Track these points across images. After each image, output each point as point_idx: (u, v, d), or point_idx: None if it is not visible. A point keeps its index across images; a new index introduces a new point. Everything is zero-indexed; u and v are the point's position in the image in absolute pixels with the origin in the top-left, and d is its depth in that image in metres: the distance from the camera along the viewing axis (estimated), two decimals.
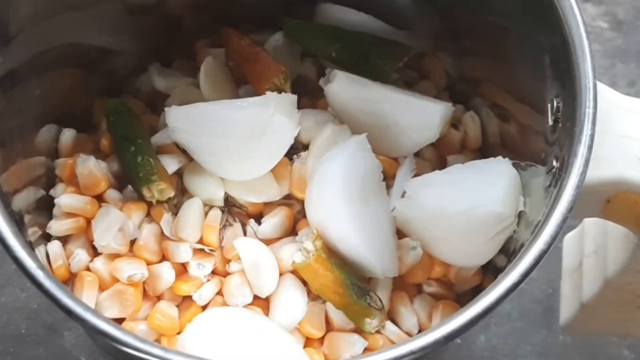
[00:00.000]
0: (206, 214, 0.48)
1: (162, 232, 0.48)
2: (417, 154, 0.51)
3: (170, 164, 0.49)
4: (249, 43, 0.53)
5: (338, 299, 0.45)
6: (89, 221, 0.47)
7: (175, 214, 0.48)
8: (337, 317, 0.46)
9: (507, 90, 0.49)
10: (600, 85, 0.40)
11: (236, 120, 0.47)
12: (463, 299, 0.48)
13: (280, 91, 0.49)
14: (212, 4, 0.55)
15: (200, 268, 0.47)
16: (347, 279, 0.44)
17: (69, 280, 0.47)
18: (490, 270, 0.47)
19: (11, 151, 0.44)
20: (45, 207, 0.48)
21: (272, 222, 0.48)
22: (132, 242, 0.47)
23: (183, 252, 0.47)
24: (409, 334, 0.47)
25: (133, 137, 0.48)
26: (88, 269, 0.47)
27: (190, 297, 0.46)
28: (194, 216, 0.47)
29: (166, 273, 0.46)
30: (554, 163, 0.40)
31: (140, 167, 0.47)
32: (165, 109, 0.48)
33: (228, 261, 0.47)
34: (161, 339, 0.45)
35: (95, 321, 0.35)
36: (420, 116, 0.49)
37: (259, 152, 0.47)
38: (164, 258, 0.47)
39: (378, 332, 0.46)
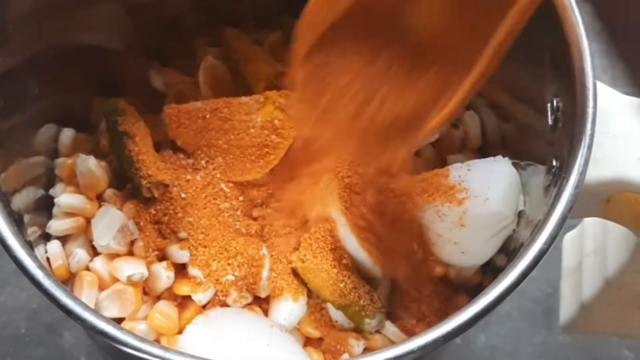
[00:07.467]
0: None
1: (161, 232, 0.47)
2: (417, 153, 0.51)
3: (170, 163, 0.48)
4: (247, 42, 0.53)
5: (337, 299, 0.44)
6: (88, 221, 0.47)
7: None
8: (337, 317, 0.46)
9: (507, 90, 0.49)
10: (600, 84, 0.40)
11: (235, 119, 0.47)
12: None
13: (279, 90, 0.49)
14: (211, 3, 0.55)
15: None
16: (347, 279, 0.44)
17: (69, 280, 0.47)
18: (490, 270, 0.47)
19: (10, 151, 0.44)
20: (45, 207, 0.48)
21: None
22: (132, 242, 0.47)
23: (182, 252, 0.46)
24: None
25: (132, 137, 0.48)
26: (87, 268, 0.47)
27: (189, 297, 0.46)
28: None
29: (165, 273, 0.46)
30: (554, 162, 0.40)
31: (140, 166, 0.47)
32: (164, 107, 0.48)
33: None
34: (160, 339, 0.45)
35: (95, 321, 0.34)
36: None
37: (258, 150, 0.47)
38: (163, 258, 0.47)
39: (377, 331, 0.46)
